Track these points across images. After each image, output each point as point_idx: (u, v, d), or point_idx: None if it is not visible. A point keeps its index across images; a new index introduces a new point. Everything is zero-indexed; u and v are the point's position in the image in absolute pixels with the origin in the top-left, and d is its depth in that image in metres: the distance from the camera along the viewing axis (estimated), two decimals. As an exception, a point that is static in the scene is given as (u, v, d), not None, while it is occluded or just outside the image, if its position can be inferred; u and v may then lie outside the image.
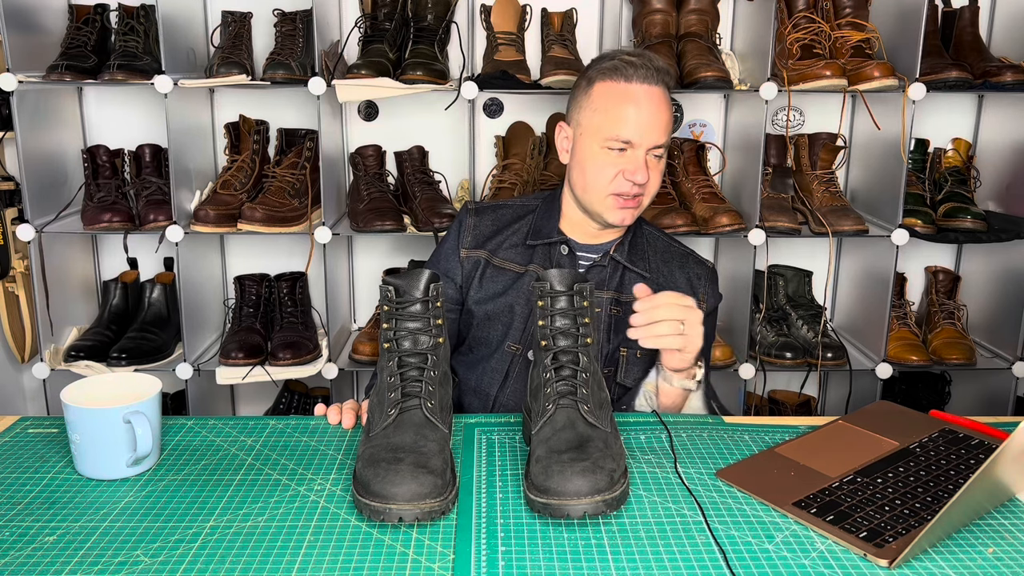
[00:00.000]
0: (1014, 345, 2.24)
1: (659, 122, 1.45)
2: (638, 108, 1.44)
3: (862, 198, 2.38)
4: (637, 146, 1.44)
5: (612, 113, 1.45)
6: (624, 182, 1.45)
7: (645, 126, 1.44)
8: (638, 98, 1.44)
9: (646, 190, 1.48)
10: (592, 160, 1.47)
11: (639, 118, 1.43)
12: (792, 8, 2.19)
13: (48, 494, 1.06)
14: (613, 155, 1.45)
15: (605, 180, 1.46)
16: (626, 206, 1.48)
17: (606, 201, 1.48)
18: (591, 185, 1.48)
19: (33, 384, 2.39)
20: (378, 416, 1.08)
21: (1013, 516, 1.03)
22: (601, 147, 1.46)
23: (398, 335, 1.10)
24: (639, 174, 1.44)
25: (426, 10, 2.21)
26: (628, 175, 1.45)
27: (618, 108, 1.44)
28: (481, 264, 1.57)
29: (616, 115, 1.44)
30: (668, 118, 1.47)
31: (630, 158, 1.45)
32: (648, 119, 1.44)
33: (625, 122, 1.44)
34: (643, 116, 1.44)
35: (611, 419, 1.11)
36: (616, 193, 1.46)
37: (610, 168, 1.46)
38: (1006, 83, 2.10)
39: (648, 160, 1.46)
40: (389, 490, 0.97)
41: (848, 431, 1.24)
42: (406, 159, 2.32)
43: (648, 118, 1.44)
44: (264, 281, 2.35)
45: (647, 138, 1.44)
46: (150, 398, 1.11)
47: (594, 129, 1.47)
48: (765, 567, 0.92)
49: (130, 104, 2.37)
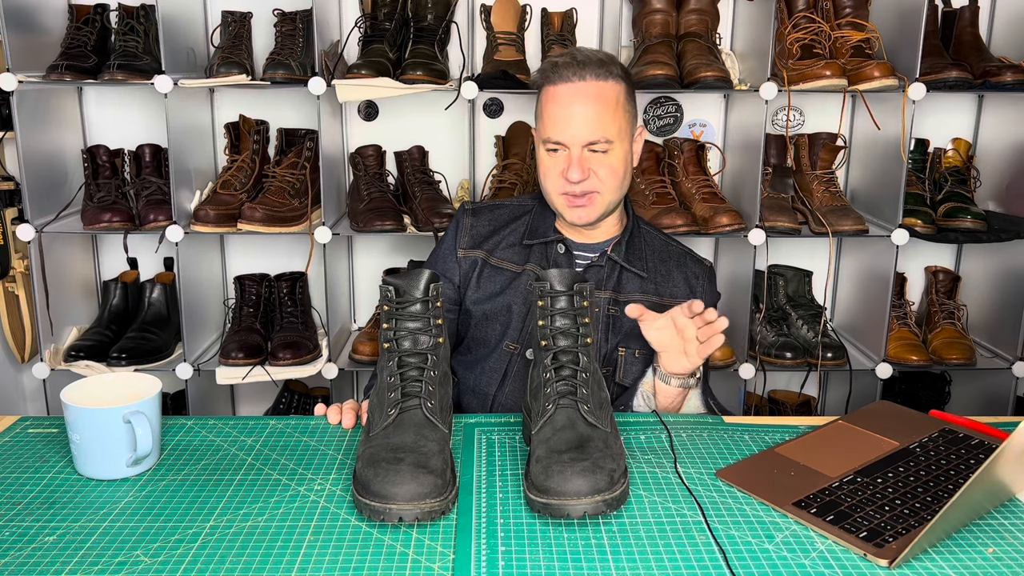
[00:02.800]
0: (1014, 345, 2.24)
1: (589, 118, 1.45)
2: (563, 108, 1.46)
3: (862, 198, 2.38)
4: (570, 146, 1.46)
5: (545, 117, 1.49)
6: (565, 182, 1.47)
7: (571, 125, 1.45)
8: (562, 98, 1.46)
9: (596, 187, 1.47)
10: (541, 163, 1.52)
11: (563, 118, 1.46)
12: (792, 8, 2.19)
13: (48, 494, 1.06)
14: (553, 156, 1.48)
15: (552, 182, 1.50)
16: (576, 204, 1.49)
17: (559, 201, 1.51)
18: (544, 187, 1.53)
19: (33, 384, 2.39)
20: (378, 416, 1.08)
21: (1013, 516, 1.03)
22: (544, 150, 1.50)
23: (398, 335, 1.10)
24: (572, 172, 1.45)
25: (426, 10, 2.21)
26: (564, 174, 1.47)
27: (548, 111, 1.48)
28: (479, 264, 1.57)
29: (547, 118, 1.48)
30: (603, 110, 1.45)
31: (565, 158, 1.47)
32: (573, 117, 1.45)
33: (553, 124, 1.47)
34: (568, 115, 1.45)
35: (611, 419, 1.11)
36: (563, 193, 1.49)
37: (552, 170, 1.49)
38: (1006, 83, 2.10)
39: (586, 156, 1.46)
40: (389, 490, 0.97)
41: (848, 431, 1.24)
42: (406, 159, 2.32)
43: (573, 117, 1.45)
44: (264, 281, 2.35)
45: (576, 136, 1.45)
46: (150, 398, 1.11)
47: (538, 133, 1.52)
48: (765, 567, 0.92)
49: (130, 104, 2.37)
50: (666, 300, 1.54)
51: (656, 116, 2.42)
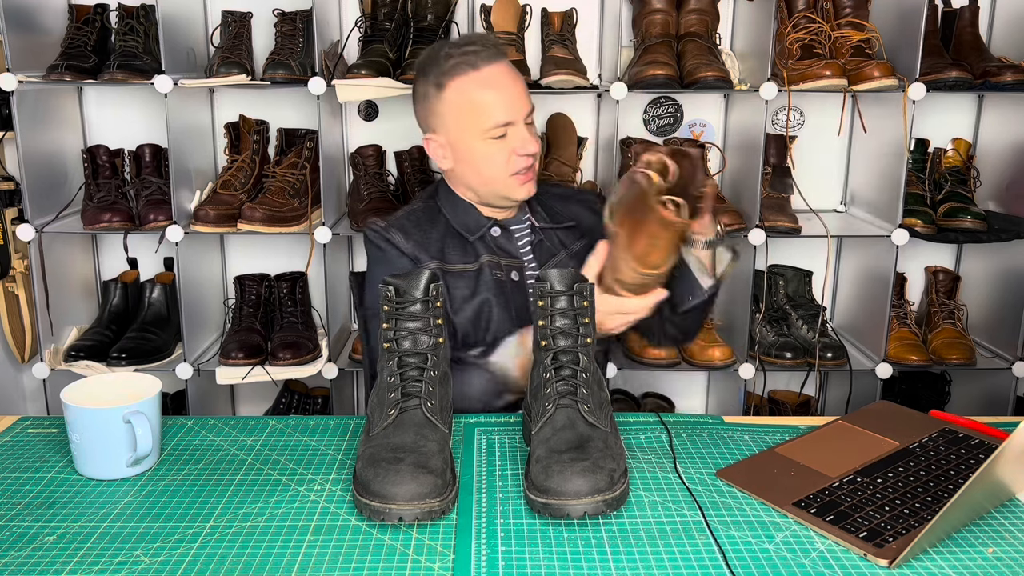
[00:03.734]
0: (1014, 345, 2.24)
1: (520, 91, 1.49)
2: (499, 88, 1.47)
3: (862, 198, 2.38)
4: (516, 122, 1.47)
5: (479, 105, 1.47)
6: (517, 159, 1.48)
7: (513, 101, 1.47)
8: (496, 80, 1.47)
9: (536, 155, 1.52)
10: (481, 156, 1.49)
11: (505, 97, 1.47)
12: (792, 8, 2.19)
13: (48, 494, 1.06)
14: (498, 142, 1.48)
15: (500, 167, 1.49)
16: (528, 179, 1.52)
17: (509, 183, 1.51)
18: (490, 177, 1.51)
19: (33, 384, 2.39)
20: (378, 416, 1.08)
21: (1013, 516, 1.03)
22: (483, 140, 1.48)
23: (398, 335, 1.10)
24: (530, 144, 1.48)
25: (426, 10, 2.21)
26: (520, 151, 1.48)
27: (483, 97, 1.47)
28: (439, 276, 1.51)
29: (485, 104, 1.47)
30: (522, 84, 1.50)
31: (515, 135, 1.48)
32: (512, 93, 1.48)
33: (497, 106, 1.46)
34: (507, 93, 1.47)
35: (611, 419, 1.11)
36: (515, 172, 1.50)
37: (500, 154, 1.48)
38: (1006, 83, 2.10)
39: (527, 129, 1.49)
40: (389, 490, 0.97)
41: (848, 431, 1.24)
42: (406, 159, 2.32)
43: (511, 92, 1.48)
44: (264, 281, 2.35)
45: (520, 110, 1.48)
46: (150, 398, 1.11)
47: (467, 128, 1.49)
48: (765, 567, 0.92)
49: (130, 104, 2.37)
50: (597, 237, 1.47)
51: (656, 116, 2.42)
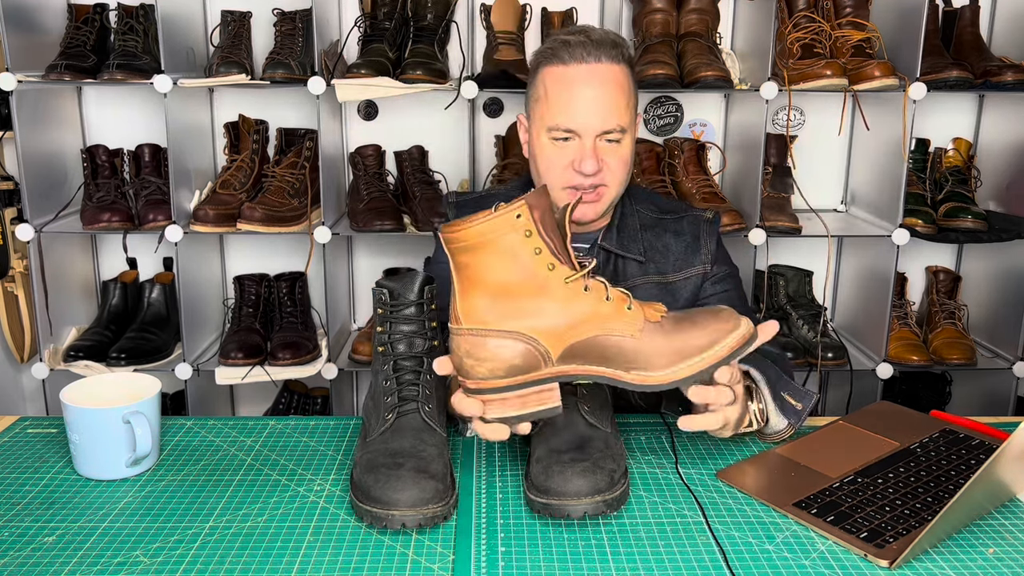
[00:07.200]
0: (1014, 345, 2.24)
1: (605, 104, 1.31)
2: (578, 92, 1.31)
3: (863, 198, 2.38)
4: (583, 134, 1.32)
5: (551, 100, 1.33)
6: (575, 174, 1.33)
7: (588, 112, 1.31)
8: (577, 81, 1.31)
9: (607, 180, 1.35)
10: (542, 153, 1.36)
11: (580, 104, 1.31)
12: (792, 7, 2.19)
13: (48, 494, 1.06)
14: (560, 146, 1.34)
15: (556, 173, 1.35)
16: (587, 200, 1.35)
17: (562, 195, 1.35)
18: (545, 180, 1.36)
19: (32, 384, 2.39)
20: (375, 420, 1.08)
21: (1013, 516, 1.03)
22: (548, 138, 1.34)
23: (393, 338, 1.09)
24: (587, 164, 1.31)
25: (426, 9, 2.21)
26: (577, 166, 1.32)
27: (556, 94, 1.32)
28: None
29: (554, 102, 1.32)
30: (619, 97, 1.32)
31: (577, 148, 1.32)
32: (591, 103, 1.31)
33: (565, 109, 1.31)
34: (584, 101, 1.30)
35: (611, 419, 1.11)
36: (570, 186, 1.34)
37: (559, 160, 1.34)
38: (1006, 83, 2.10)
39: (599, 147, 1.32)
40: (391, 496, 0.96)
41: (848, 431, 1.24)
42: (406, 159, 2.32)
43: (590, 102, 1.31)
44: (264, 281, 2.35)
45: (592, 124, 1.31)
46: (150, 398, 1.10)
47: (539, 119, 1.35)
48: (765, 567, 0.92)
49: (129, 104, 2.36)
50: (669, 278, 1.43)
51: (656, 116, 2.42)
